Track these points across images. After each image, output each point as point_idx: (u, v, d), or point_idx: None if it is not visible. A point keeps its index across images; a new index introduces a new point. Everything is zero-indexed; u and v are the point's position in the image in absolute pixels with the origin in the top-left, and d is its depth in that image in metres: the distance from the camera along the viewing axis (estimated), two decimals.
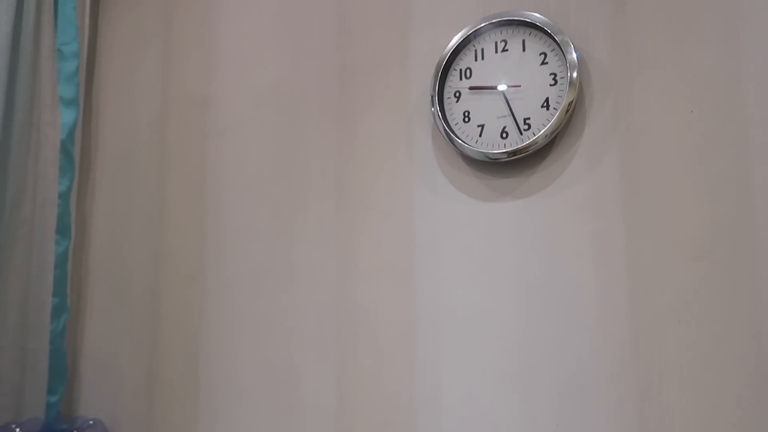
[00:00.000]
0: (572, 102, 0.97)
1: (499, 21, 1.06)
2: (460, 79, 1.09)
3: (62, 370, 1.30)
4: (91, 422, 1.22)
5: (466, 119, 1.07)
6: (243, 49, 1.35)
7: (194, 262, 1.30)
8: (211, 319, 1.25)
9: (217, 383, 1.22)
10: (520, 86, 1.03)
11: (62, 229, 1.35)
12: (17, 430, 1.16)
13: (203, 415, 1.21)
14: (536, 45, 1.03)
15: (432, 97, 1.09)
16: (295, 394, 1.14)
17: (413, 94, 1.15)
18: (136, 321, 1.32)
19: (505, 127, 1.03)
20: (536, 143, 0.99)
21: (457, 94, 1.08)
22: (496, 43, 1.07)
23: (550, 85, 1.00)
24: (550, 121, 0.98)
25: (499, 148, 1.03)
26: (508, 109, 1.03)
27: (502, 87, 1.04)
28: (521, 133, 1.01)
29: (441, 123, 1.07)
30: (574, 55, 0.98)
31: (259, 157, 1.29)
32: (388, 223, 1.12)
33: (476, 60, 1.08)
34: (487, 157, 1.03)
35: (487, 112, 1.05)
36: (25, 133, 1.35)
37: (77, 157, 1.42)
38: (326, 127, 1.22)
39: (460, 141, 1.05)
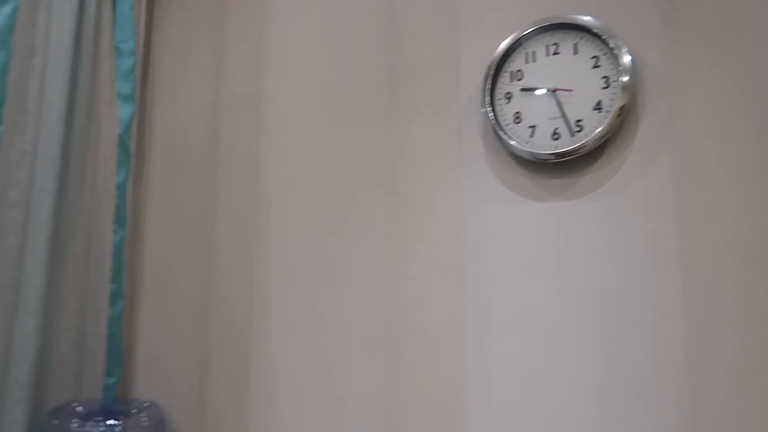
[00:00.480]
0: (625, 105, 1.00)
1: (550, 25, 1.09)
2: (511, 81, 1.12)
3: (118, 353, 1.35)
4: (146, 404, 1.27)
5: (517, 120, 1.09)
6: (293, 49, 1.39)
7: (244, 256, 1.35)
8: (261, 311, 1.30)
9: (266, 372, 1.26)
10: (572, 90, 1.05)
11: (119, 219, 1.40)
12: (78, 408, 1.22)
13: (253, 403, 1.26)
14: (588, 48, 1.06)
15: (483, 98, 1.12)
16: (343, 386, 1.18)
17: (463, 95, 1.18)
18: (188, 310, 1.37)
19: (556, 129, 1.05)
20: (587, 145, 1.02)
21: (509, 96, 1.11)
22: (547, 46, 1.10)
23: (602, 88, 1.03)
24: (602, 124, 1.01)
25: (550, 149, 1.05)
26: (559, 111, 1.05)
27: (553, 89, 1.07)
28: (573, 135, 1.04)
29: (492, 123, 1.10)
30: (627, 58, 1.00)
31: (309, 155, 1.33)
32: (438, 222, 1.15)
33: (527, 62, 1.11)
34: (537, 157, 1.06)
35: (539, 113, 1.08)
36: (85, 128, 1.41)
37: (133, 150, 1.47)
38: (375, 127, 1.26)
39: (511, 141, 1.08)
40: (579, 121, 1.03)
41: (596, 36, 1.04)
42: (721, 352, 0.89)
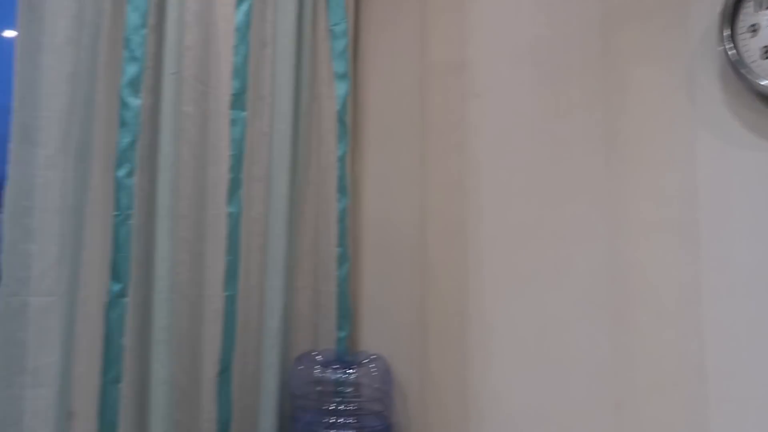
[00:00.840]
0: None
1: None
2: (757, 10, 0.97)
3: (347, 310, 1.50)
4: (373, 356, 1.38)
5: (766, 55, 0.95)
6: (498, 10, 1.37)
7: (457, 218, 1.38)
8: (475, 271, 1.33)
9: (483, 331, 1.29)
10: None
11: (341, 189, 1.54)
12: (317, 357, 1.38)
13: (471, 359, 1.30)
14: None
15: (720, 34, 0.99)
16: (564, 349, 1.17)
17: (693, 34, 1.06)
18: (406, 271, 1.46)
19: None
20: None
21: (754, 28, 0.97)
22: None
23: None
24: None
25: None
26: None
27: None
28: None
29: (733, 62, 0.97)
30: None
31: (518, 115, 1.31)
32: (667, 176, 1.07)
33: None
34: None
35: None
36: (309, 107, 1.56)
37: (350, 125, 1.59)
38: (590, 81, 1.19)
39: (761, 81, 0.95)
40: None
41: None
42: None
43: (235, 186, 1.40)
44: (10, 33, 1.81)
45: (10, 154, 1.14)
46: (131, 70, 1.25)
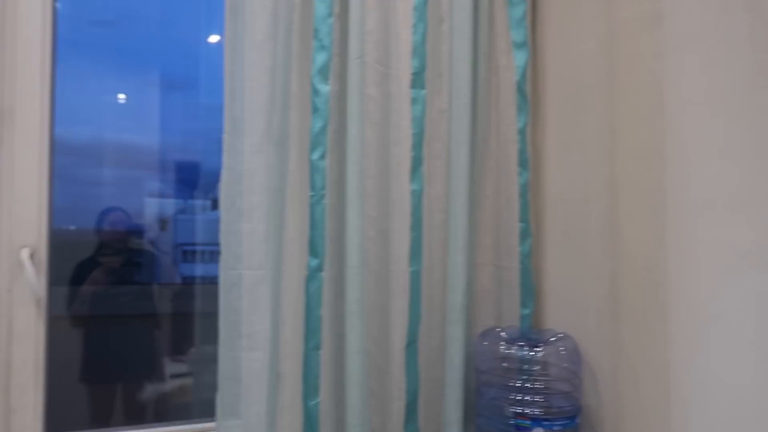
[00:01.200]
0: None
1: None
2: None
3: (530, 287, 1.47)
4: (560, 335, 1.35)
5: None
6: None
7: (653, 189, 1.27)
8: (676, 248, 1.21)
9: (689, 313, 1.18)
10: None
11: (522, 162, 1.49)
12: (502, 333, 1.37)
13: (674, 343, 1.20)
14: None
15: None
16: None
17: None
18: (593, 247, 1.38)
19: None
20: None
21: None
22: None
23: None
24: None
25: None
26: None
27: None
28: None
29: None
30: None
31: (726, 70, 1.15)
32: None
33: None
34: None
35: None
36: (486, 80, 1.53)
37: (530, 96, 1.53)
38: None
39: None
40: None
41: None
42: None
43: (416, 164, 1.44)
44: (214, 38, 2.03)
45: (224, 144, 1.29)
46: (320, 58, 1.32)
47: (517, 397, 1.26)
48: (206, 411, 1.46)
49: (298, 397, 1.32)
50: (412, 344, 1.41)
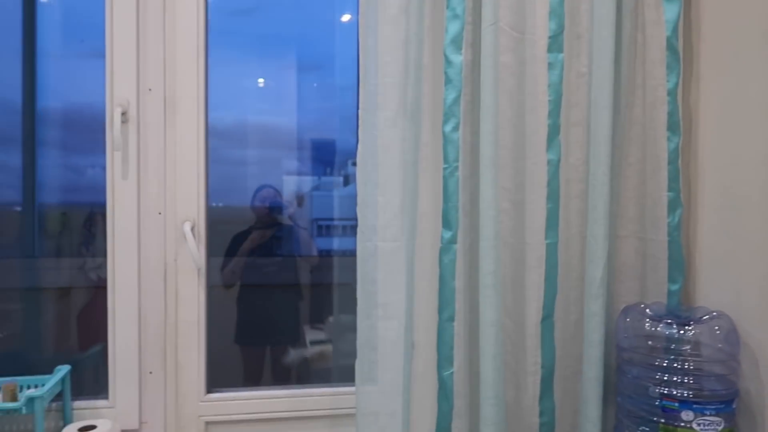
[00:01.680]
0: None
1: None
2: None
3: (679, 261, 1.36)
4: (714, 313, 1.24)
5: None
6: None
7: None
8: None
9: None
10: None
11: (672, 126, 1.37)
12: (647, 310, 1.29)
13: None
14: None
15: None
16: None
17: None
18: (755, 218, 1.25)
19: None
20: None
21: None
22: None
23: None
24: None
25: None
26: None
27: None
28: None
29: None
30: None
31: None
32: None
33: None
34: None
35: None
36: (632, 37, 1.42)
37: (681, 52, 1.40)
38: None
39: None
40: None
41: None
42: None
43: (553, 132, 1.38)
44: (346, 17, 2.08)
45: (359, 119, 1.33)
46: (453, 28, 1.31)
47: (664, 378, 1.19)
48: (344, 376, 1.54)
49: (432, 367, 1.35)
50: (547, 318, 1.37)
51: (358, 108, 1.32)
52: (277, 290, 2.18)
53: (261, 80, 2.24)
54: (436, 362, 1.34)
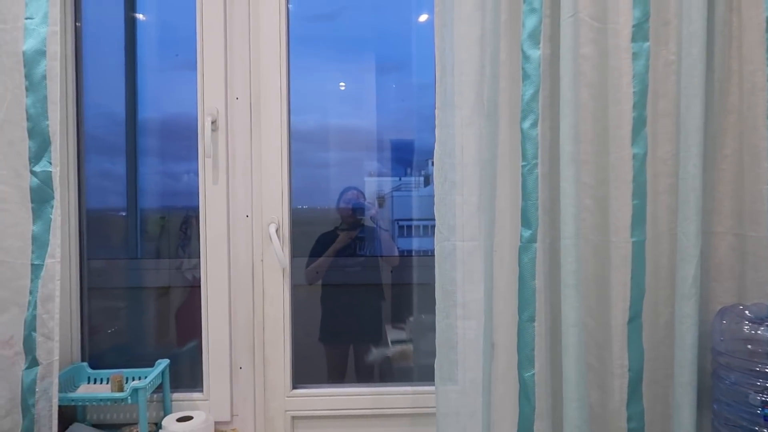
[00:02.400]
0: None
1: None
2: None
3: None
4: None
5: None
6: None
7: None
8: None
9: None
10: None
11: None
12: (746, 311, 1.21)
13: None
14: None
15: None
16: None
17: None
18: None
19: None
20: None
21: None
22: None
23: None
24: None
25: None
26: None
27: None
28: None
29: None
30: None
31: None
32: None
33: None
34: None
35: None
36: (725, 20, 1.33)
37: None
38: None
39: None
40: None
41: None
42: None
43: (639, 125, 1.32)
44: (423, 17, 2.09)
45: (436, 118, 1.33)
46: (531, 22, 1.28)
47: (767, 384, 1.11)
48: (425, 376, 1.55)
49: (513, 367, 1.33)
50: (635, 320, 1.32)
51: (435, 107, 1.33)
52: (359, 289, 2.23)
53: (342, 84, 2.29)
54: (516, 363, 1.32)
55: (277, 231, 1.51)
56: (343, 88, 2.29)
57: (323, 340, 2.18)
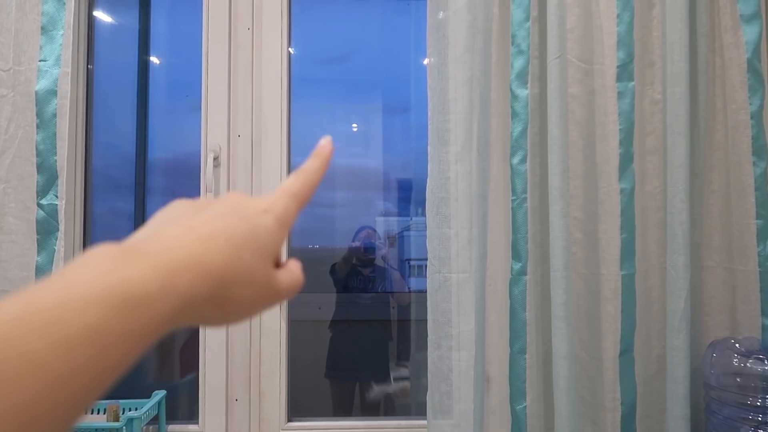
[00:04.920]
0: None
1: None
2: None
3: None
4: None
5: None
6: None
7: None
8: None
9: None
10: None
11: (758, 151, 1.30)
12: (736, 345, 1.21)
13: None
14: None
15: None
16: None
17: None
18: None
19: None
20: None
21: None
22: None
23: None
24: None
25: None
26: None
27: None
28: None
29: None
30: None
31: None
32: None
33: None
34: None
35: None
36: (708, 62, 1.38)
37: (765, 74, 1.34)
38: None
39: None
40: None
41: None
42: None
43: (626, 161, 1.35)
44: (427, 60, 2.17)
45: (429, 154, 1.38)
46: (519, 63, 1.34)
47: (758, 418, 1.10)
48: (421, 410, 1.54)
49: (505, 400, 1.33)
50: (626, 353, 1.32)
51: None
52: (367, 326, 2.25)
53: (355, 125, 2.37)
54: (508, 395, 1.32)
55: None
56: (356, 130, 2.36)
57: (329, 375, 2.20)
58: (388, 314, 2.22)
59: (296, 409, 1.59)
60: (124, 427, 1.35)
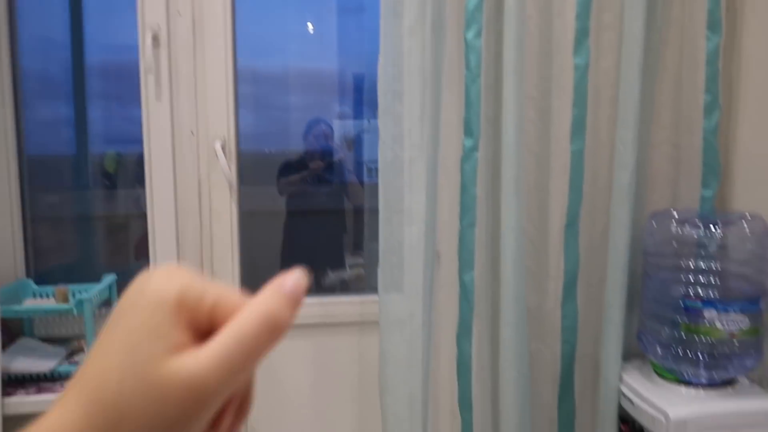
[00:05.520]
0: None
1: None
2: None
3: (714, 166, 1.30)
4: (747, 216, 1.19)
5: None
6: None
7: None
8: None
9: None
10: None
11: (712, 24, 1.29)
12: (675, 214, 1.25)
13: None
14: None
15: None
16: None
17: None
18: None
19: None
20: None
21: None
22: None
23: None
24: None
25: None
26: None
27: None
28: None
29: None
30: None
31: None
32: None
33: None
34: None
35: None
36: None
37: None
38: None
39: None
40: None
41: None
42: None
43: (582, 36, 1.33)
44: None
45: (381, 28, 1.31)
46: None
47: (689, 278, 1.16)
48: (376, 292, 1.58)
49: (455, 273, 1.36)
50: (572, 225, 1.36)
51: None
52: (322, 216, 2.27)
53: (310, 25, 2.25)
54: (457, 267, 1.35)
55: (223, 147, 1.50)
56: (311, 31, 2.25)
57: (283, 264, 2.21)
58: (343, 205, 2.24)
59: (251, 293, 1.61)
60: (74, 308, 1.34)
